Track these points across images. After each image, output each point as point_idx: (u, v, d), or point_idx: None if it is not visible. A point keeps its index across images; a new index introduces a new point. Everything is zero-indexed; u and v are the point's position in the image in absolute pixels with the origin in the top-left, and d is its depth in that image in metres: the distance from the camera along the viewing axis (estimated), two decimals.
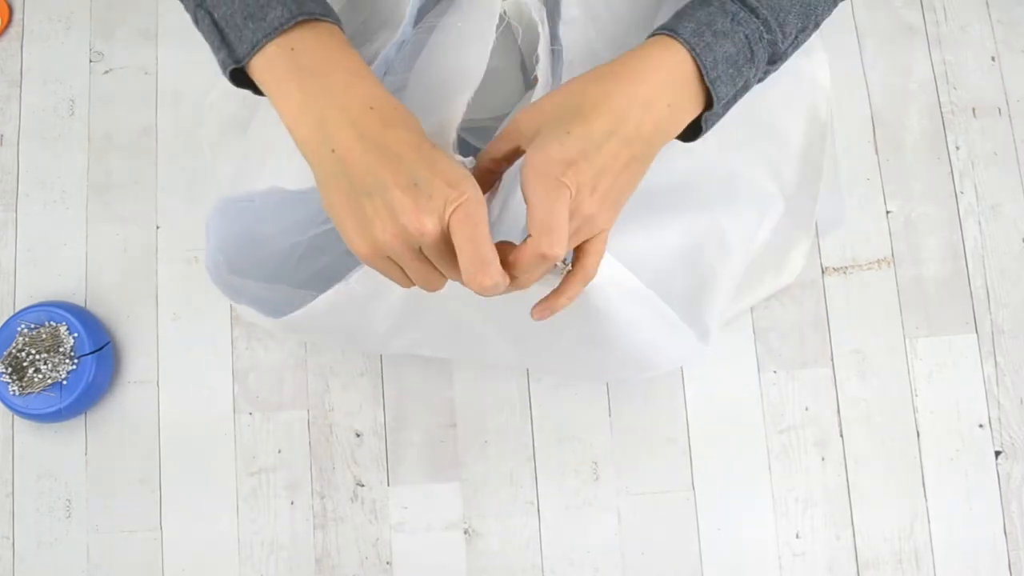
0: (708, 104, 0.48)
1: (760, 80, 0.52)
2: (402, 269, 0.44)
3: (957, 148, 0.86)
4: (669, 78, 0.46)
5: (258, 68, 0.43)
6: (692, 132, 0.50)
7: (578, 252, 0.46)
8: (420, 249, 0.42)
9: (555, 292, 0.47)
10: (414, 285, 0.45)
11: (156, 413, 0.85)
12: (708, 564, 0.80)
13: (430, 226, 0.41)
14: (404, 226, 0.41)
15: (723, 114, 0.50)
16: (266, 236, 0.61)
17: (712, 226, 0.67)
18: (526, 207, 0.42)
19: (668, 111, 0.45)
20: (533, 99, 0.53)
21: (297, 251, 0.66)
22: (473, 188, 0.41)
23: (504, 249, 0.43)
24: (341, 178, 0.42)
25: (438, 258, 0.42)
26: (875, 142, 0.86)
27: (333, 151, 0.42)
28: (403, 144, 0.42)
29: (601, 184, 0.43)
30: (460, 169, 0.42)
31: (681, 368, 0.82)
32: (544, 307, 0.47)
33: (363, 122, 0.42)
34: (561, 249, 0.42)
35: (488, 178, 0.48)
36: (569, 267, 0.46)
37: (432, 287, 0.45)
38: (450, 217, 0.41)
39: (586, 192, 0.43)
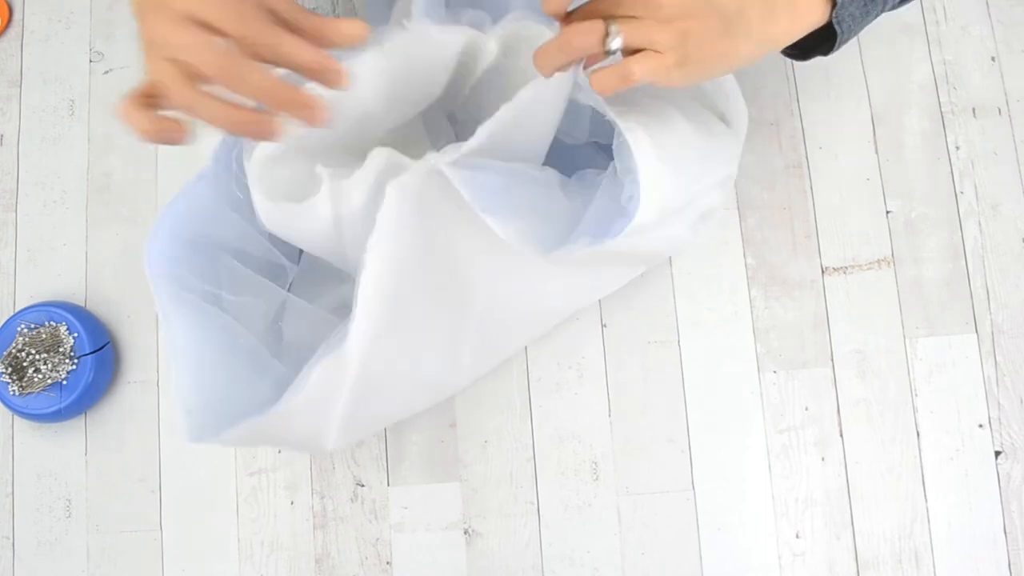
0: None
1: (893, 7, 0.55)
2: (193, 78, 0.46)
3: (957, 148, 0.86)
4: None
5: None
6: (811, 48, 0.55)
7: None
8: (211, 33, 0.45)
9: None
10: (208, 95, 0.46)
11: (156, 413, 0.85)
12: (708, 564, 0.80)
13: None
14: None
15: (849, 32, 0.53)
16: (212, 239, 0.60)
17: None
18: None
19: None
20: None
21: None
22: None
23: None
24: None
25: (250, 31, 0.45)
26: (875, 142, 0.86)
27: None
28: None
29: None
30: None
31: (681, 368, 0.82)
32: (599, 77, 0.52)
33: None
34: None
35: None
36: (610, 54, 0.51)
37: (240, 77, 0.46)
38: None
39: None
